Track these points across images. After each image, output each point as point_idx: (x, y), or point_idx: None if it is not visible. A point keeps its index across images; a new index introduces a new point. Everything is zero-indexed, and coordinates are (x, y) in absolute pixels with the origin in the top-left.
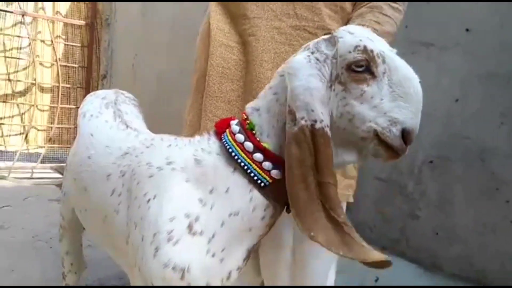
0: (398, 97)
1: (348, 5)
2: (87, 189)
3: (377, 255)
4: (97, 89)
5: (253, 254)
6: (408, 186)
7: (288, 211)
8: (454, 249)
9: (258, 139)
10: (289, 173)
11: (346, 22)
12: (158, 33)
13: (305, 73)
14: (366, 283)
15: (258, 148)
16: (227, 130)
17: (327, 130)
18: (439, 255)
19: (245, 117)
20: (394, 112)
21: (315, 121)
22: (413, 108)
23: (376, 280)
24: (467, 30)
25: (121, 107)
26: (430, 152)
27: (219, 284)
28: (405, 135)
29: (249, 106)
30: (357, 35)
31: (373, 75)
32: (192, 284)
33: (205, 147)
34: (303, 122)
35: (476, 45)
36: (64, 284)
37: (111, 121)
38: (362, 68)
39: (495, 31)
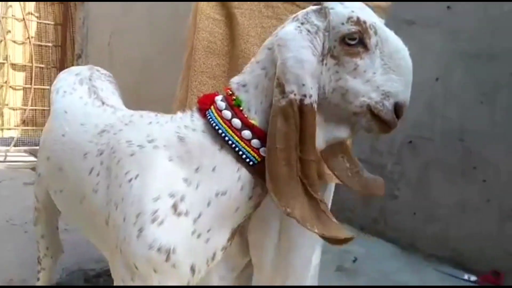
0: (390, 70)
1: None
2: (62, 168)
3: (345, 233)
4: None
5: (240, 235)
6: (387, 166)
7: None
8: (431, 229)
9: (246, 115)
10: (271, 147)
11: None
12: (136, 11)
13: (296, 44)
14: (344, 264)
15: (246, 125)
16: (212, 107)
17: (315, 106)
18: (416, 234)
19: (230, 92)
20: (386, 85)
21: (305, 95)
22: (405, 81)
23: (354, 261)
24: (448, 7)
25: (96, 83)
26: (410, 132)
27: (204, 265)
28: (397, 108)
29: (234, 81)
30: (348, 6)
31: (366, 47)
32: (177, 265)
33: (188, 124)
34: (292, 96)
35: (458, 24)
36: (39, 269)
37: (85, 97)
38: (355, 40)
39: (476, 9)
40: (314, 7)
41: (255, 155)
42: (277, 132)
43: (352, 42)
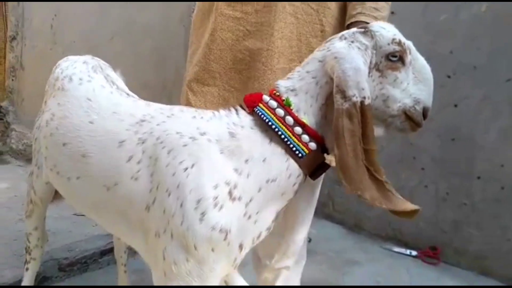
0: (419, 81)
1: None
2: (86, 155)
3: (411, 206)
4: (4, 52)
5: None
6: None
7: (313, 178)
8: (375, 211)
9: (296, 115)
10: (340, 144)
11: (343, 5)
12: None
13: (352, 57)
14: None
15: (298, 122)
16: (261, 104)
17: (371, 105)
18: (361, 216)
19: (278, 94)
20: (417, 94)
21: (365, 97)
22: (429, 90)
23: (309, 241)
24: (392, 13)
25: (109, 72)
26: None
27: (250, 243)
28: (424, 112)
29: (282, 85)
30: (389, 30)
31: (403, 63)
32: (230, 243)
33: (236, 121)
34: (354, 99)
35: (399, 28)
36: (28, 259)
37: (108, 86)
38: (396, 58)
39: (416, 16)
40: (360, 30)
41: (304, 148)
42: (345, 130)
43: (394, 59)
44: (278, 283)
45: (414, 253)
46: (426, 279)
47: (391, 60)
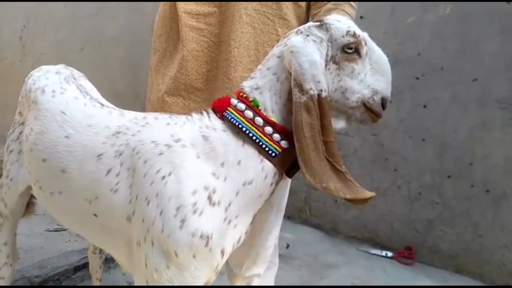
0: (376, 72)
1: (303, 4)
2: (66, 170)
3: (369, 193)
4: None
5: None
6: None
7: (289, 176)
8: (351, 214)
9: (264, 114)
10: (299, 137)
11: (305, 17)
12: (52, 4)
13: (308, 50)
14: (279, 250)
15: (267, 122)
16: (229, 108)
17: (328, 98)
18: (338, 220)
19: (245, 95)
20: (375, 84)
21: (321, 90)
22: (387, 80)
23: (287, 247)
24: (361, 17)
25: (82, 82)
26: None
27: (230, 248)
28: (383, 102)
29: (246, 86)
30: (344, 23)
31: (359, 55)
32: (212, 249)
33: (208, 124)
34: (312, 92)
35: (369, 32)
36: None
37: (81, 98)
38: (352, 50)
39: (385, 20)
40: (315, 23)
41: (277, 147)
42: (303, 123)
43: (350, 51)
44: None
45: (390, 254)
46: (402, 279)
47: (347, 52)
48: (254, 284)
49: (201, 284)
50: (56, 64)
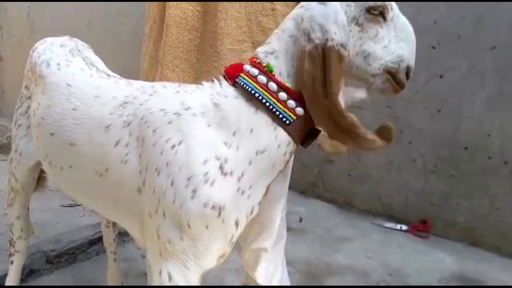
0: (401, 40)
1: None
2: (74, 144)
3: (379, 143)
4: None
5: None
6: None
7: (304, 146)
8: (365, 187)
9: (279, 79)
10: (305, 87)
11: None
12: None
13: (324, 6)
14: (292, 224)
15: (282, 87)
16: (242, 74)
17: (341, 49)
18: (351, 194)
19: (258, 61)
20: (399, 51)
21: (327, 39)
22: (412, 49)
23: (300, 221)
24: None
25: (87, 54)
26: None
27: (244, 219)
28: (407, 71)
29: (260, 51)
30: None
31: (385, 19)
32: (225, 220)
33: (219, 91)
34: (317, 41)
35: None
36: (13, 251)
37: (87, 69)
38: (377, 12)
39: None
40: None
41: (291, 114)
42: (305, 73)
43: (375, 12)
44: (259, 267)
45: (404, 227)
46: (417, 252)
47: (372, 13)
48: (262, 259)
49: (215, 256)
50: None
